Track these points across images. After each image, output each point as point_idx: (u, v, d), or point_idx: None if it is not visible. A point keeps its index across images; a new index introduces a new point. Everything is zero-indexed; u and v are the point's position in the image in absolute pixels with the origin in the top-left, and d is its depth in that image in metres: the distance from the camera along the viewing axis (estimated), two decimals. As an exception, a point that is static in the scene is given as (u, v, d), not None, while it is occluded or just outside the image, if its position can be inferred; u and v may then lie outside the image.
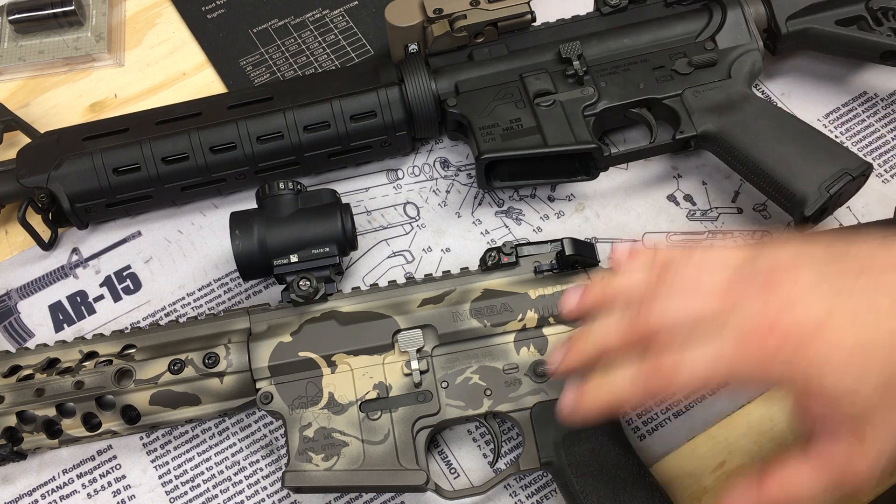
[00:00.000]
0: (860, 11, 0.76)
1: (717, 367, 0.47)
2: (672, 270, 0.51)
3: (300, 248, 0.67)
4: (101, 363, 0.65)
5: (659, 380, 0.48)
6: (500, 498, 0.67)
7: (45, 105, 0.87)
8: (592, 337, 0.53)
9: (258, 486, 0.69)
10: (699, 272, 0.50)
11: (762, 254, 0.49)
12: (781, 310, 0.46)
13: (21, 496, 0.69)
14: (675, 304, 0.49)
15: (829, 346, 0.45)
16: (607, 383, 0.51)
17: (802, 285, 0.46)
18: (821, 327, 0.45)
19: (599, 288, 0.55)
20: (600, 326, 0.53)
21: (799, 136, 0.70)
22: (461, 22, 0.76)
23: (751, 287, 0.47)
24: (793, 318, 0.45)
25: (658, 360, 0.49)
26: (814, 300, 0.46)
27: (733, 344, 0.46)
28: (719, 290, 0.48)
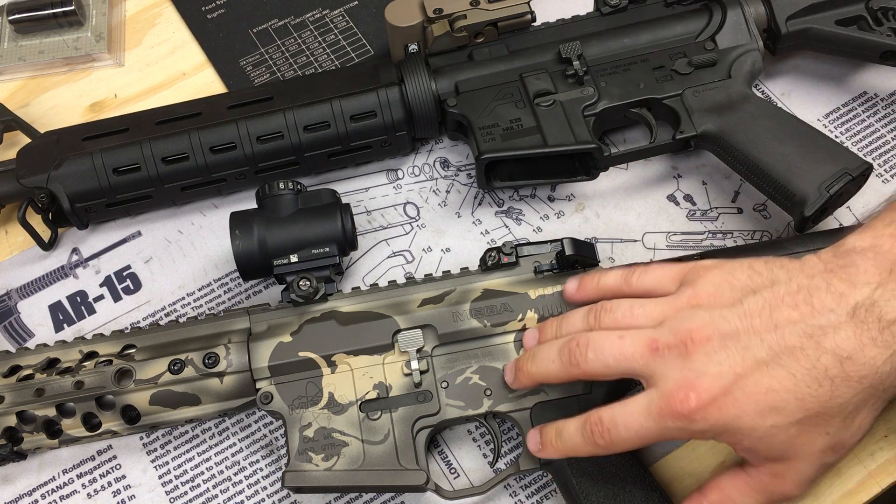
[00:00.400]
0: (860, 11, 0.76)
1: (647, 423, 0.53)
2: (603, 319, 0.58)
3: (300, 248, 0.67)
4: (101, 363, 0.65)
5: (602, 434, 0.55)
6: (500, 498, 0.67)
7: (45, 105, 0.87)
8: (536, 371, 0.60)
9: (258, 486, 0.69)
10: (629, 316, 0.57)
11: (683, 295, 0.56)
12: (695, 378, 0.52)
13: (21, 496, 0.69)
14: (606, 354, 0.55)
15: (740, 406, 0.51)
16: (562, 437, 0.58)
17: (713, 350, 0.53)
18: (730, 392, 0.52)
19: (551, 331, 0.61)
20: (542, 362, 0.59)
21: (799, 136, 0.70)
22: (461, 22, 0.76)
23: (672, 349, 0.54)
24: (706, 385, 0.52)
25: (598, 414, 0.56)
26: (723, 366, 0.52)
27: (659, 401, 0.53)
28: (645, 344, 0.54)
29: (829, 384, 0.51)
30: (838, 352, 0.51)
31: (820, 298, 0.52)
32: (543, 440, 0.60)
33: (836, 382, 0.51)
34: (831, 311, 0.52)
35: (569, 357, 0.57)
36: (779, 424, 0.51)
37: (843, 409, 0.52)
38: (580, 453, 0.58)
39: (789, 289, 0.53)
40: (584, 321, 0.60)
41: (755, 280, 0.55)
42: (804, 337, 0.51)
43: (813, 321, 0.52)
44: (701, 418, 0.52)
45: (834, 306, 0.52)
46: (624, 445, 0.55)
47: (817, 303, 0.52)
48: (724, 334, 0.53)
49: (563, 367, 0.58)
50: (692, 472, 0.67)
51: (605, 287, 0.62)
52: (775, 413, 0.51)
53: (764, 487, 0.55)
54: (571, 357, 0.57)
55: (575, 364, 0.57)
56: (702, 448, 0.67)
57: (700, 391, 0.52)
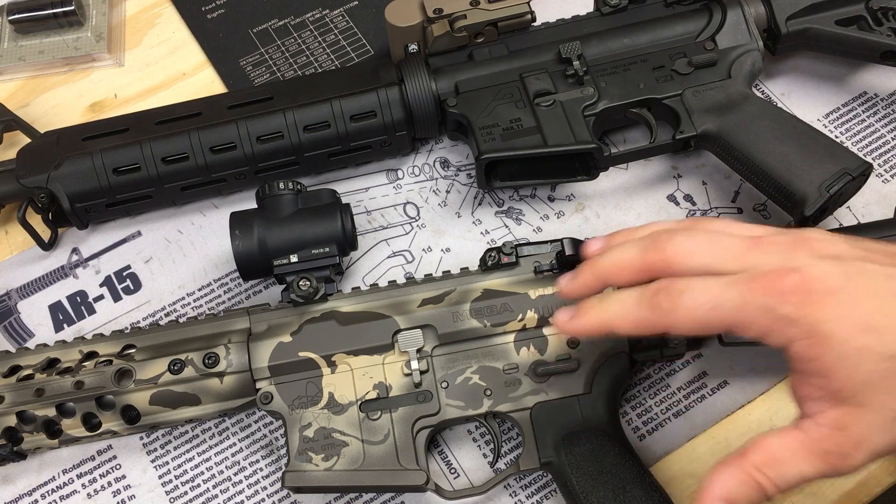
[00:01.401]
0: (860, 11, 0.76)
1: (723, 300, 0.46)
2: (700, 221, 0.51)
3: (300, 248, 0.67)
4: (101, 363, 0.65)
5: (661, 304, 0.48)
6: (500, 498, 0.67)
7: (45, 105, 0.87)
8: (605, 259, 0.52)
9: (258, 486, 0.69)
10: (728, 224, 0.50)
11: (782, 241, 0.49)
12: (802, 264, 0.46)
13: (21, 496, 0.69)
14: (696, 242, 0.48)
15: (842, 308, 0.45)
16: (608, 300, 0.50)
17: (829, 253, 0.46)
18: (836, 292, 0.45)
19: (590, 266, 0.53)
20: (614, 251, 0.52)
21: (799, 136, 0.70)
22: (461, 22, 0.76)
23: (778, 244, 0.47)
24: (812, 273, 0.45)
25: (664, 283, 0.48)
26: (837, 269, 0.45)
27: (746, 280, 0.46)
28: (746, 240, 0.48)
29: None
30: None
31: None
32: (581, 306, 0.52)
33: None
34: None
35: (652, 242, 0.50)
36: (872, 348, 0.44)
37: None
38: (627, 319, 0.49)
39: None
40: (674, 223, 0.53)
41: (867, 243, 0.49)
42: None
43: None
44: (796, 302, 0.45)
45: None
46: (689, 314, 0.47)
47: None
48: (842, 250, 0.47)
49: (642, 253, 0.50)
50: (692, 472, 0.67)
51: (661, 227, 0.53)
52: (875, 334, 0.44)
53: (822, 446, 0.46)
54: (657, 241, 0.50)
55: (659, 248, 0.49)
56: (701, 448, 0.67)
57: (804, 276, 0.45)
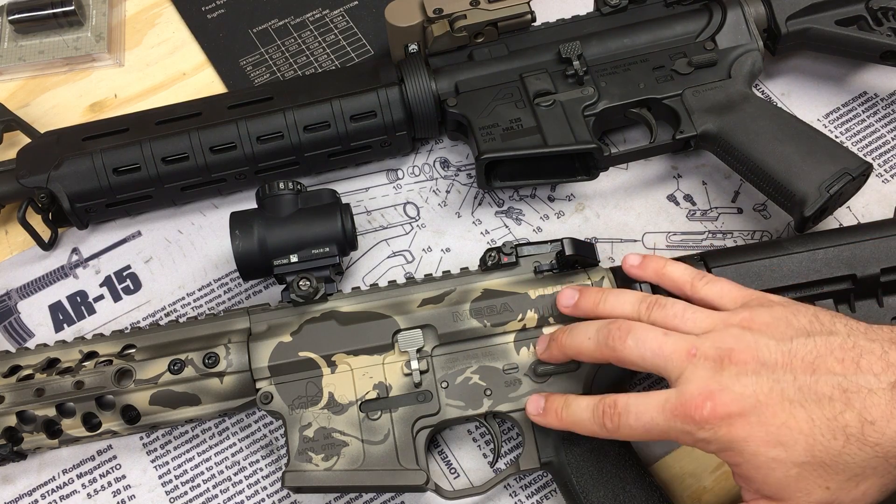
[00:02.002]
0: (860, 11, 0.76)
1: (658, 418, 0.54)
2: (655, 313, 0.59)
3: (300, 248, 0.67)
4: (101, 363, 0.65)
5: (611, 417, 0.56)
6: (500, 498, 0.67)
7: (45, 105, 0.87)
8: (570, 343, 0.60)
9: (258, 486, 0.69)
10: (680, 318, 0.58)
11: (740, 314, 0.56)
12: (718, 390, 0.53)
13: (21, 496, 0.69)
14: (646, 346, 0.56)
15: (751, 429, 0.52)
16: (570, 408, 0.59)
17: (745, 373, 0.53)
18: (747, 414, 0.52)
19: (593, 300, 0.62)
20: (576, 336, 0.60)
21: (799, 136, 0.70)
22: (461, 22, 0.76)
23: (708, 360, 0.54)
24: (726, 399, 0.52)
25: (613, 397, 0.56)
26: (751, 390, 0.52)
27: (674, 403, 0.53)
28: (685, 349, 0.55)
29: (843, 439, 0.51)
30: (864, 413, 0.51)
31: (869, 361, 0.52)
32: (547, 406, 0.60)
33: (851, 441, 0.51)
34: (875, 375, 0.51)
35: (606, 338, 0.58)
36: (781, 460, 0.51)
37: (849, 469, 0.51)
38: (581, 429, 0.58)
39: (844, 344, 0.53)
40: (633, 306, 0.60)
41: (814, 326, 0.55)
42: (837, 389, 0.51)
43: (852, 378, 0.51)
44: (709, 429, 0.52)
45: (879, 372, 0.51)
46: (628, 434, 0.56)
47: (864, 364, 0.52)
48: (761, 362, 0.53)
49: (597, 347, 0.58)
50: (692, 472, 0.67)
51: (669, 278, 0.62)
52: (781, 447, 0.51)
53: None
54: (609, 339, 0.57)
55: (611, 347, 0.57)
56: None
57: (717, 403, 0.52)
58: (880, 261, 0.64)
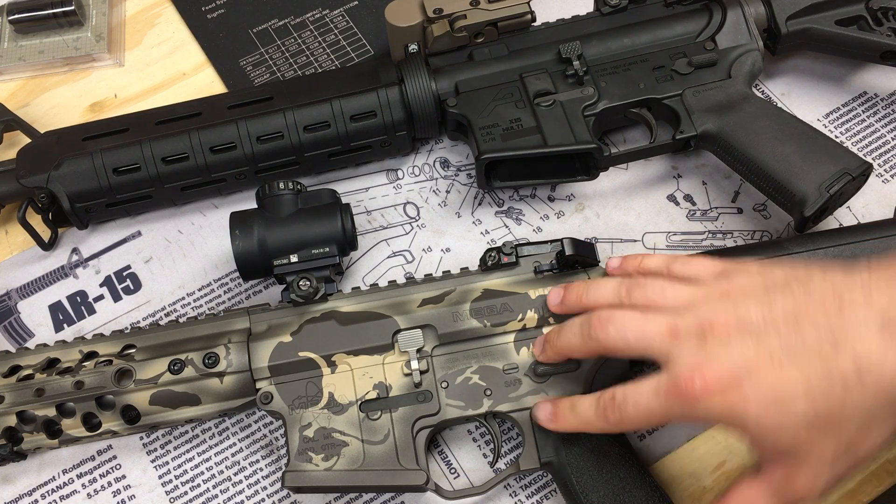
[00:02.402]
0: (860, 11, 0.76)
1: (654, 402, 0.54)
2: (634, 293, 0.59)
3: (300, 248, 0.67)
4: (101, 363, 0.65)
5: (613, 410, 0.56)
6: (500, 498, 0.67)
7: (45, 105, 0.87)
8: (559, 342, 0.62)
9: (258, 486, 0.69)
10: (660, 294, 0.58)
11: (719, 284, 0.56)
12: (705, 362, 0.52)
13: (21, 496, 0.69)
14: (628, 330, 0.56)
15: (746, 393, 0.51)
16: (576, 410, 0.59)
17: (729, 340, 0.52)
18: (739, 381, 0.51)
19: (577, 294, 0.63)
20: (563, 335, 0.61)
21: (799, 136, 0.70)
22: (461, 22, 0.76)
23: (690, 334, 0.54)
24: (714, 371, 0.52)
25: (611, 391, 0.57)
26: (739, 355, 0.52)
27: (666, 385, 0.53)
28: (667, 329, 0.55)
29: (842, 390, 0.49)
30: (858, 361, 0.49)
31: (852, 307, 0.50)
32: (557, 412, 0.61)
33: (850, 389, 0.49)
34: (861, 320, 0.50)
35: (589, 331, 0.58)
36: (784, 420, 0.50)
37: (856, 418, 0.50)
38: (592, 428, 0.59)
39: (824, 293, 0.52)
40: (614, 291, 0.60)
41: (791, 281, 0.54)
42: (826, 341, 0.50)
43: (838, 326, 0.50)
44: (705, 402, 0.52)
45: (864, 316, 0.50)
46: (632, 423, 0.56)
47: (848, 310, 0.50)
48: (744, 327, 0.52)
49: (583, 341, 0.59)
50: (692, 472, 0.67)
51: (646, 269, 0.63)
52: (781, 408, 0.50)
53: (779, 489, 0.53)
54: (592, 330, 0.58)
55: (595, 338, 0.58)
56: (702, 448, 0.67)
57: (707, 376, 0.52)
58: (880, 261, 0.64)
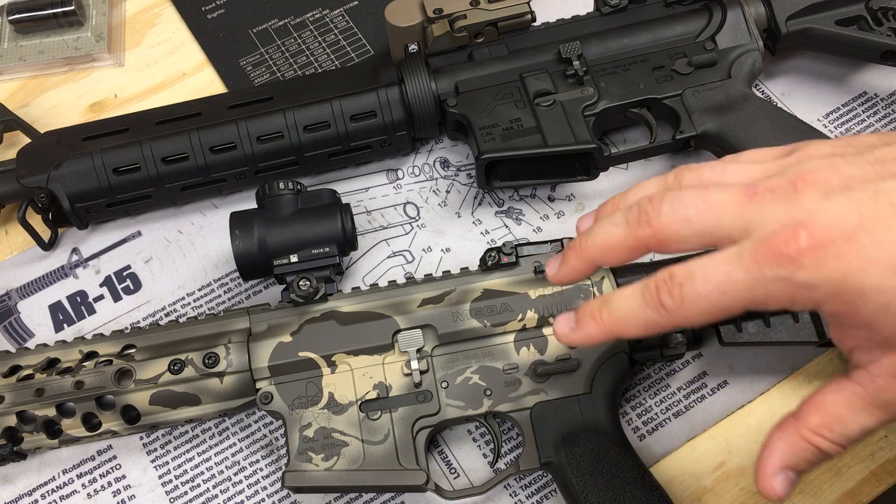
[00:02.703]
0: (860, 11, 0.76)
1: (736, 271, 0.41)
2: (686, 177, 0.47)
3: (300, 248, 0.67)
4: (101, 363, 0.65)
5: (665, 303, 0.43)
6: (500, 498, 0.67)
7: (45, 105, 0.87)
8: (591, 241, 0.47)
9: (258, 486, 0.69)
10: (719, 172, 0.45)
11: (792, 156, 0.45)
12: (811, 213, 0.40)
13: (21, 496, 0.69)
14: (686, 207, 0.43)
15: (865, 254, 0.39)
16: (610, 305, 0.46)
17: (837, 184, 0.41)
18: (853, 236, 0.39)
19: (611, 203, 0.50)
20: (599, 230, 0.47)
21: (799, 136, 0.70)
22: (461, 22, 0.76)
23: (776, 191, 0.42)
24: (822, 222, 0.40)
25: (667, 269, 0.44)
26: (848, 206, 0.40)
27: (751, 252, 0.41)
28: (740, 192, 0.42)
29: None
30: None
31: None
32: (581, 317, 0.47)
33: None
34: None
35: (638, 216, 0.45)
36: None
37: None
38: (631, 325, 0.45)
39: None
40: (659, 184, 0.48)
41: (882, 138, 0.43)
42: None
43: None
44: (812, 264, 0.39)
45: None
46: (697, 308, 0.42)
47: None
48: (848, 176, 0.41)
49: (629, 231, 0.45)
50: (692, 472, 0.67)
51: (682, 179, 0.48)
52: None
53: (882, 397, 0.42)
54: (642, 214, 0.45)
55: (646, 223, 0.44)
56: (702, 448, 0.67)
57: (814, 229, 0.40)
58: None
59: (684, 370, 0.70)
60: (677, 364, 0.70)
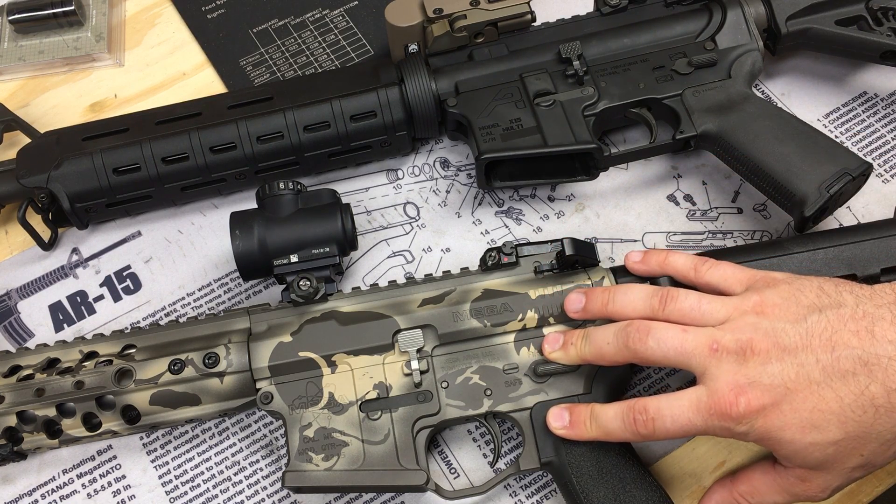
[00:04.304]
0: (860, 11, 0.76)
1: (695, 418, 0.55)
2: (669, 306, 0.59)
3: (300, 248, 0.67)
4: (101, 363, 0.65)
5: (645, 423, 0.56)
6: (500, 498, 0.67)
7: (45, 105, 0.87)
8: (588, 348, 0.61)
9: (258, 486, 0.69)
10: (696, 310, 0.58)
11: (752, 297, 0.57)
12: (747, 384, 0.54)
13: (21, 496, 0.69)
14: (666, 344, 0.57)
15: (785, 417, 0.53)
16: (598, 420, 0.59)
17: (769, 361, 0.54)
18: (778, 404, 0.53)
19: (601, 301, 0.61)
20: (594, 340, 0.60)
21: (799, 136, 0.70)
22: (461, 22, 0.76)
23: (730, 352, 0.55)
24: (757, 393, 0.53)
25: (642, 403, 0.57)
26: (776, 380, 0.53)
27: (707, 403, 0.54)
28: (707, 343, 0.56)
29: (874, 412, 0.52)
30: (889, 383, 0.52)
31: (882, 328, 0.53)
32: (574, 419, 0.60)
33: (881, 412, 0.52)
34: (891, 342, 0.52)
35: (626, 341, 0.58)
36: (818, 442, 0.53)
37: (882, 437, 0.53)
38: (613, 438, 0.59)
39: (854, 314, 0.54)
40: (645, 302, 0.60)
41: (822, 300, 0.56)
42: (859, 363, 0.52)
43: (871, 349, 0.52)
44: (746, 423, 0.54)
45: (894, 338, 0.53)
46: (665, 436, 0.56)
47: (878, 332, 0.53)
48: (783, 348, 0.54)
49: (618, 351, 0.59)
50: (692, 471, 0.67)
51: (672, 267, 0.63)
52: (816, 431, 0.53)
53: (791, 488, 0.57)
54: (629, 341, 0.58)
55: (632, 350, 0.58)
56: (701, 448, 0.67)
57: (750, 398, 0.53)
58: (880, 261, 0.64)
59: (684, 370, 0.70)
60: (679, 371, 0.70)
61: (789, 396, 0.53)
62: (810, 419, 0.53)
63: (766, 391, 0.53)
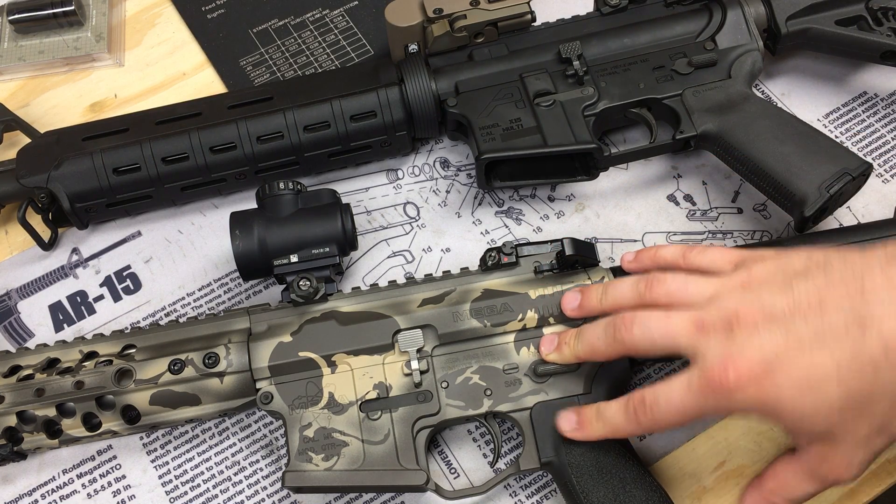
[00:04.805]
0: (860, 11, 0.76)
1: (688, 399, 0.54)
2: (655, 290, 0.59)
3: (300, 248, 0.67)
4: (101, 363, 0.65)
5: (644, 412, 0.57)
6: (500, 498, 0.67)
7: (45, 105, 0.87)
8: (580, 346, 0.62)
9: (258, 486, 0.69)
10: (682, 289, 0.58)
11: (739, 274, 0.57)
12: (736, 353, 0.53)
13: (21, 496, 0.69)
14: (652, 330, 0.57)
15: (780, 381, 0.52)
16: (603, 417, 0.60)
17: (756, 331, 0.53)
18: (772, 369, 0.52)
19: (595, 297, 0.62)
20: (584, 338, 0.61)
21: (799, 136, 0.70)
22: (461, 22, 0.76)
23: (717, 327, 0.54)
24: (746, 362, 0.52)
25: (640, 393, 0.57)
26: (765, 345, 0.52)
27: (698, 380, 0.54)
28: (692, 324, 0.55)
29: (872, 370, 0.50)
30: (885, 340, 0.50)
31: (872, 285, 0.51)
32: (582, 420, 0.61)
33: (880, 369, 0.50)
34: (885, 300, 0.51)
35: (614, 334, 0.58)
36: (818, 405, 0.51)
37: (887, 396, 0.51)
38: (621, 433, 0.59)
39: (843, 274, 0.52)
40: (633, 289, 0.60)
41: (810, 266, 0.54)
42: (851, 322, 0.51)
43: (862, 307, 0.51)
44: (740, 395, 0.52)
45: (888, 297, 0.51)
46: (667, 422, 0.56)
47: (869, 288, 0.51)
48: (770, 316, 0.53)
49: (608, 345, 0.59)
50: (692, 471, 0.67)
51: (662, 260, 0.63)
52: (814, 392, 0.51)
53: (815, 471, 0.55)
54: (616, 333, 0.58)
55: (620, 341, 0.58)
56: (702, 448, 0.68)
57: (739, 367, 0.52)
58: (880, 261, 0.64)
59: (681, 359, 0.70)
60: (677, 364, 0.70)
61: (781, 362, 0.51)
62: (807, 381, 0.51)
63: (756, 360, 0.52)
